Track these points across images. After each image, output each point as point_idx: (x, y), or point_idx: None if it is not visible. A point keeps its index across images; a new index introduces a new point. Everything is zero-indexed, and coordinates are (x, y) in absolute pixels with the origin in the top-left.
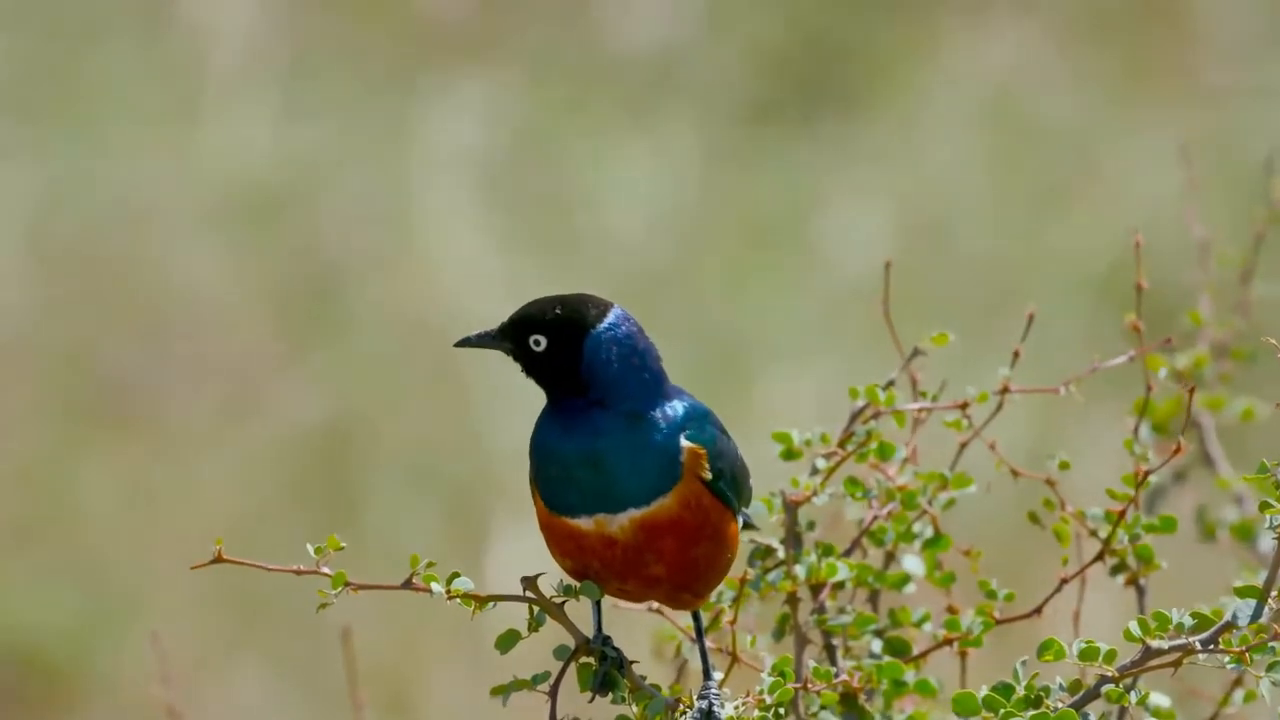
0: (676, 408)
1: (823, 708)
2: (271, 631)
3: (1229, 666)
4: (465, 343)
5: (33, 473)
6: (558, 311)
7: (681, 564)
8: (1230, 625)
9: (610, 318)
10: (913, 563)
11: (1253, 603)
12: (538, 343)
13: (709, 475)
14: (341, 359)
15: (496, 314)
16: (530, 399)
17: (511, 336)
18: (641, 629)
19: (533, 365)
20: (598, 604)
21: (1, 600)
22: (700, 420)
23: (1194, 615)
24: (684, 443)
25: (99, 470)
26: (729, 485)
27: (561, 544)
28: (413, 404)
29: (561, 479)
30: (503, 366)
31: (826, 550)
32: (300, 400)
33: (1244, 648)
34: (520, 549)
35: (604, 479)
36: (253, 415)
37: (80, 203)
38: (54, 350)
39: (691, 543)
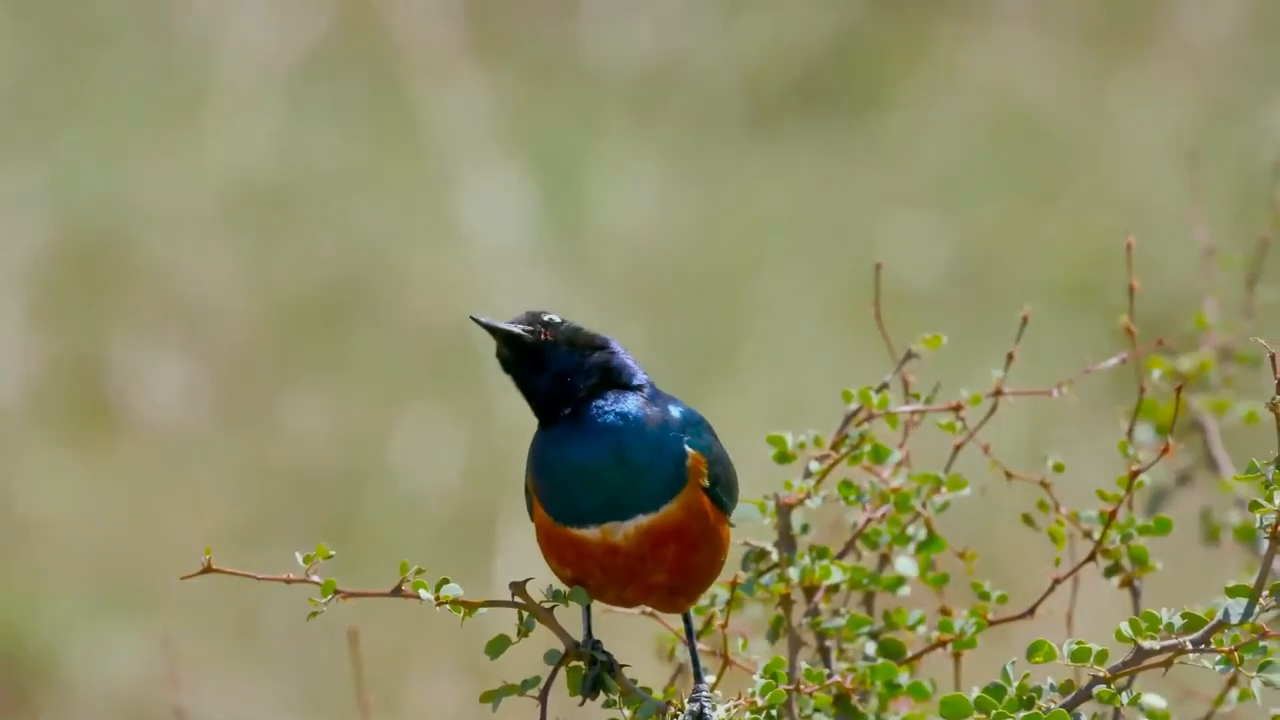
0: (675, 412)
1: (816, 710)
2: (269, 633)
3: (1218, 668)
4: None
5: (32, 473)
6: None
7: (681, 570)
8: (1222, 625)
9: None
10: (906, 564)
11: (1244, 602)
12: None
13: (707, 482)
14: (346, 362)
15: (501, 316)
16: (521, 402)
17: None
18: (633, 632)
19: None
20: (587, 608)
21: (1, 600)
22: (697, 426)
23: (1185, 615)
24: (687, 448)
25: (99, 470)
26: (725, 491)
27: (562, 554)
28: (418, 407)
29: (573, 486)
30: (494, 368)
31: (820, 553)
32: (304, 403)
33: (1234, 647)
34: (531, 555)
35: (623, 474)
36: (255, 418)
37: (86, 204)
38: (56, 350)
39: (692, 549)
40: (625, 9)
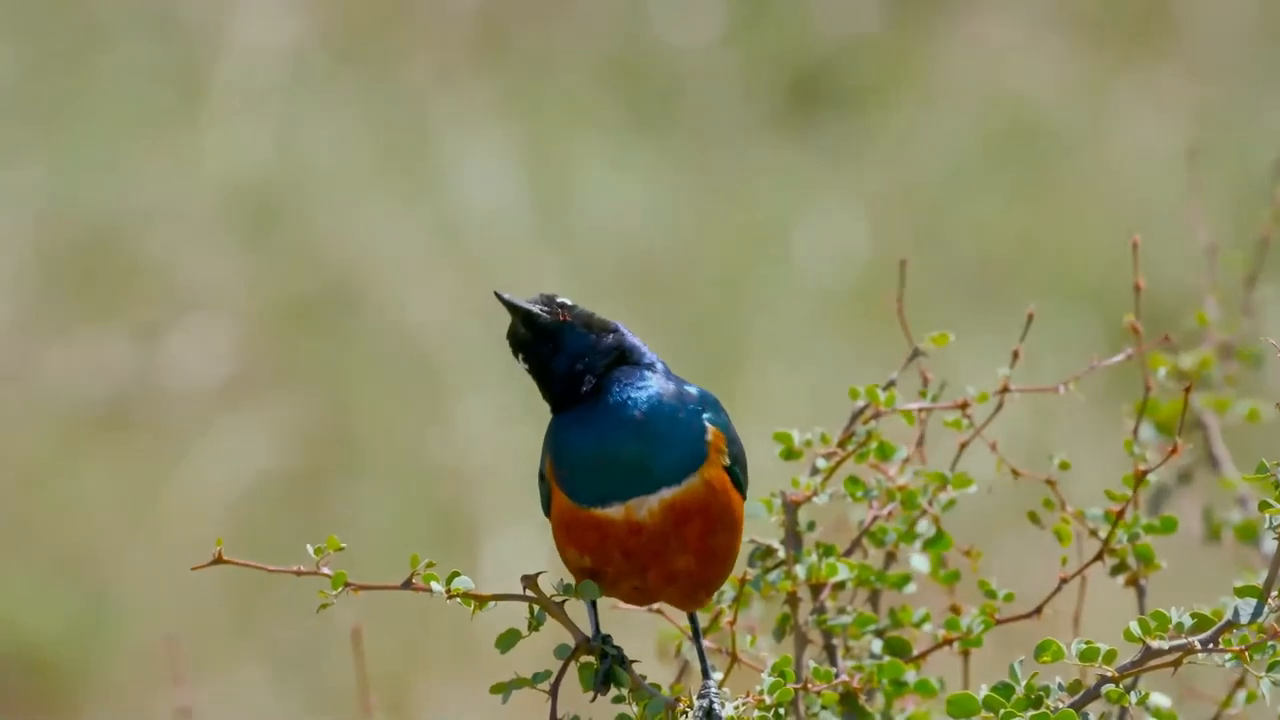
0: (692, 390)
1: (823, 708)
2: (271, 632)
3: (1228, 666)
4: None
5: (33, 473)
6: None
7: (704, 552)
8: (1231, 625)
9: None
10: (919, 560)
11: (1253, 602)
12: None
13: (727, 460)
14: (339, 361)
15: (495, 316)
16: (514, 401)
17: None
18: (639, 629)
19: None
20: (594, 604)
21: (1, 600)
22: (714, 405)
23: (1193, 615)
24: (706, 424)
25: (99, 470)
26: (742, 471)
27: (583, 538)
28: (406, 407)
29: (596, 464)
30: (489, 367)
31: (827, 550)
32: (298, 402)
33: (1244, 647)
34: (512, 549)
35: (645, 446)
36: (250, 417)
37: (84, 205)
38: (56, 351)
39: (713, 529)
40: (627, 7)
